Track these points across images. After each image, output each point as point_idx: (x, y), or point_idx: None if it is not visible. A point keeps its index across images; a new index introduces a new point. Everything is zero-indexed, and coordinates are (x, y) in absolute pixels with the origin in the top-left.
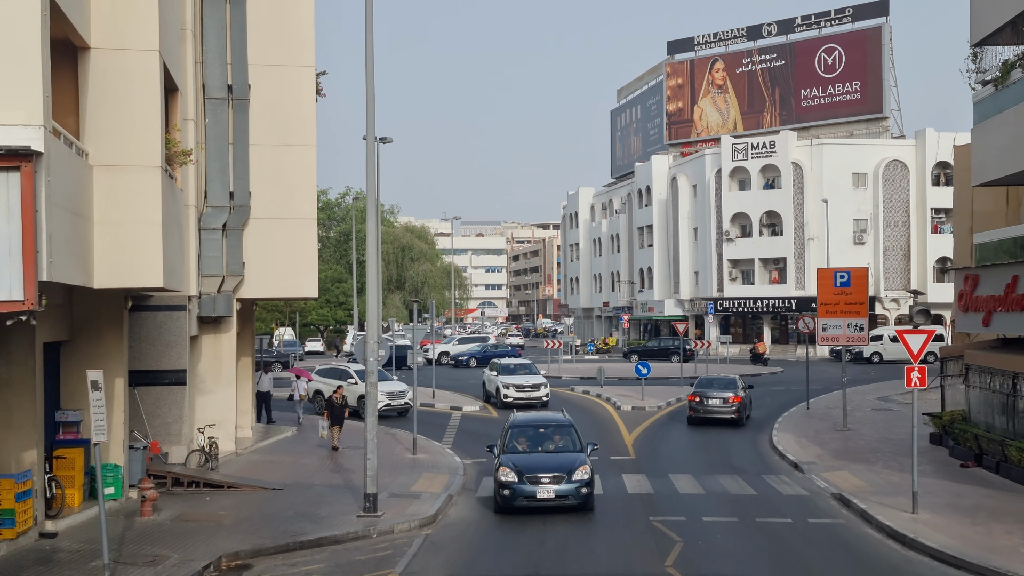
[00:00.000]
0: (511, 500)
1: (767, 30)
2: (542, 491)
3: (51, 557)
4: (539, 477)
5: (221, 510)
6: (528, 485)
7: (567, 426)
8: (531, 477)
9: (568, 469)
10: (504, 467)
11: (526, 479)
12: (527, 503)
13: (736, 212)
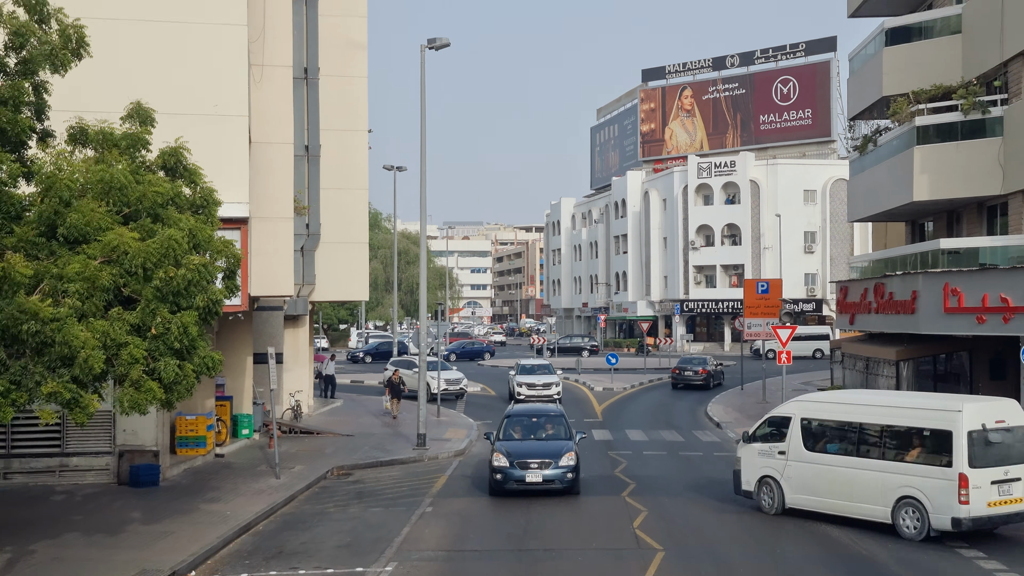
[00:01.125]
0: (503, 483)
1: (730, 61)
2: (531, 475)
3: (228, 466)
4: (528, 462)
5: (319, 445)
6: (518, 470)
7: (558, 416)
8: (521, 462)
9: (555, 455)
10: (497, 452)
11: (516, 464)
12: (517, 486)
13: (701, 224)
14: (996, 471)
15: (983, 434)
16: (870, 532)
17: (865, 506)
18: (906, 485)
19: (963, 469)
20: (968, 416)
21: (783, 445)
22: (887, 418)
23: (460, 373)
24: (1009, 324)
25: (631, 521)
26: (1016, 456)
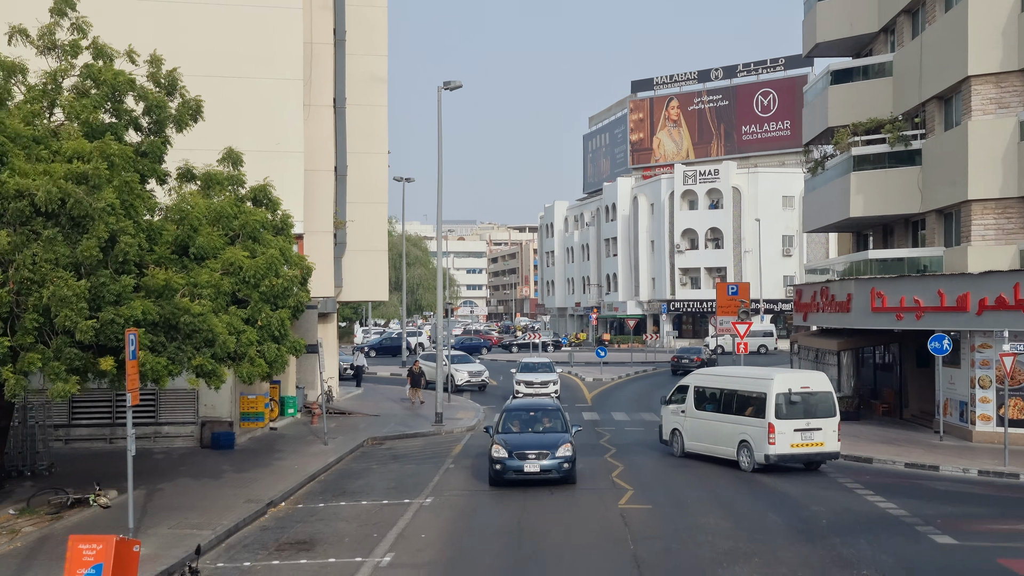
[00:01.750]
0: (502, 474)
1: (714, 74)
2: (528, 466)
3: (282, 436)
4: (526, 453)
5: (352, 422)
6: (517, 460)
7: (555, 410)
8: (519, 453)
9: (552, 446)
10: (497, 444)
11: (515, 455)
12: (515, 476)
13: (686, 228)
14: (798, 422)
15: (787, 396)
16: (786, 475)
17: (723, 448)
18: (743, 432)
19: (771, 420)
20: (776, 384)
21: (684, 406)
22: (735, 386)
23: (482, 366)
24: (921, 320)
25: (610, 473)
26: (819, 412)
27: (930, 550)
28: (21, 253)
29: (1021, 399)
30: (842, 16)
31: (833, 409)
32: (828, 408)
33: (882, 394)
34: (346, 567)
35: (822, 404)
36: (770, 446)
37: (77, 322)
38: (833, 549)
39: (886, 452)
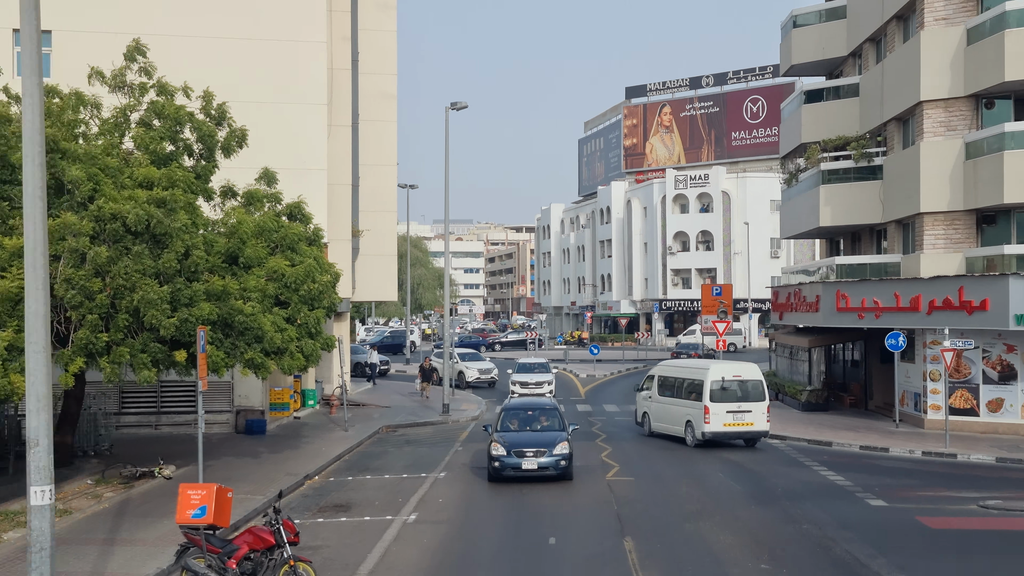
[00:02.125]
0: (501, 471)
1: (705, 81)
2: (526, 463)
3: (305, 424)
4: (524, 451)
5: (367, 413)
6: (515, 458)
7: (552, 409)
8: (518, 451)
9: (550, 445)
10: (496, 442)
11: (513, 453)
12: (513, 473)
13: (678, 230)
14: (731, 405)
15: (720, 383)
16: (752, 455)
17: (675, 427)
18: (687, 414)
19: (706, 403)
20: (711, 373)
21: (650, 392)
22: (685, 375)
23: (492, 364)
24: (879, 319)
25: (600, 453)
26: (751, 397)
27: (863, 510)
28: (116, 265)
29: (966, 390)
30: (815, 41)
31: (763, 395)
32: (759, 393)
33: (850, 387)
34: (380, 523)
35: (753, 390)
36: (706, 425)
37: (161, 320)
38: (783, 510)
39: (845, 437)
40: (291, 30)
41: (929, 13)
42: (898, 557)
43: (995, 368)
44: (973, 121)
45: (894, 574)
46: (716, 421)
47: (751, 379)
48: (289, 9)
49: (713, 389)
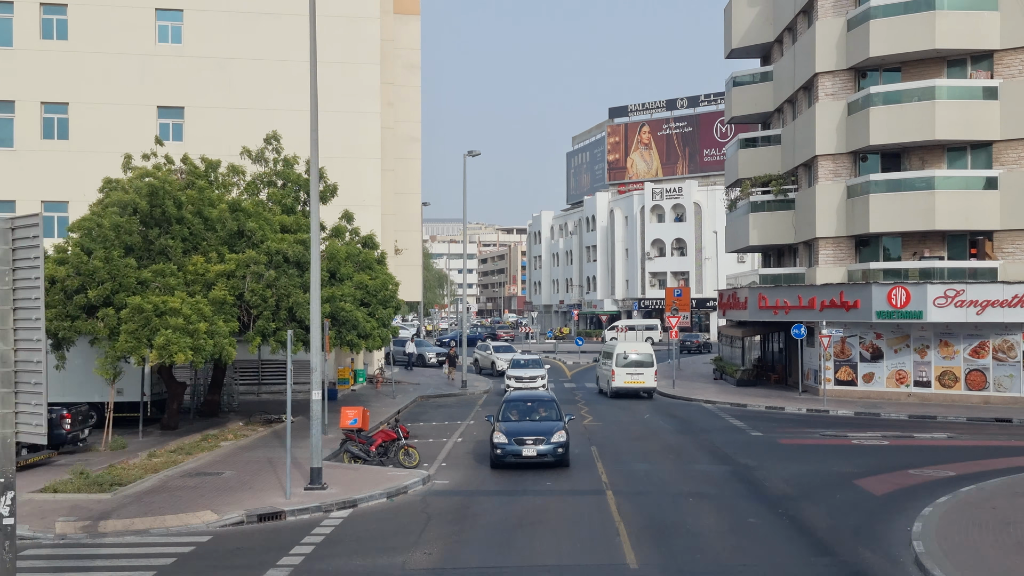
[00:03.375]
0: (503, 457)
1: (680, 103)
2: (526, 450)
3: (361, 395)
4: (524, 439)
5: (404, 388)
6: (515, 445)
7: (550, 401)
8: (518, 439)
9: (548, 433)
10: (498, 431)
11: (514, 441)
12: (514, 460)
13: (655, 238)
14: (629, 370)
15: (623, 355)
16: (686, 408)
17: (602, 384)
18: (605, 375)
19: (613, 368)
20: (617, 348)
21: (599, 363)
22: (610, 350)
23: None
24: (788, 315)
25: (580, 410)
26: (643, 365)
27: (745, 437)
28: (279, 281)
29: (848, 367)
30: (750, 98)
31: (652, 364)
32: (649, 363)
33: (775, 368)
34: (439, 443)
35: (645, 360)
36: (612, 383)
37: (306, 315)
38: (694, 436)
39: (757, 401)
40: (355, 104)
41: (822, 89)
42: (753, 455)
43: (867, 350)
44: (852, 170)
45: (744, 460)
46: (619, 379)
47: (644, 352)
48: (354, 88)
49: (618, 358)
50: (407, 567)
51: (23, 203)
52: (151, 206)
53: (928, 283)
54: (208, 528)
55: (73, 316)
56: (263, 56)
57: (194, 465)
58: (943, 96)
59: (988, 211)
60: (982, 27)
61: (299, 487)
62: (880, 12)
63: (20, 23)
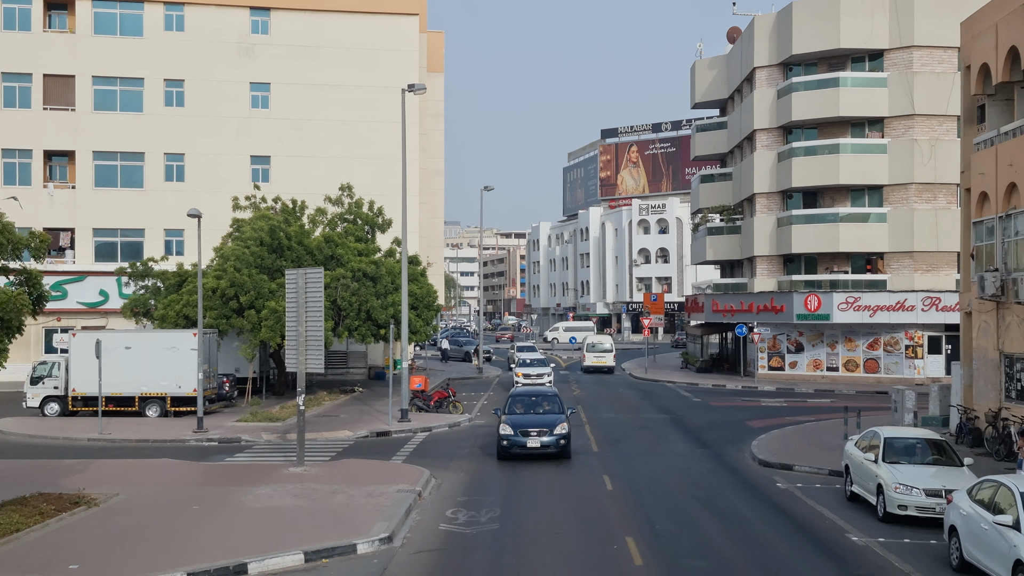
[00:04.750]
0: (508, 448)
1: (665, 126)
2: (531, 441)
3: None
4: (529, 431)
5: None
6: (521, 437)
7: (553, 396)
8: (523, 431)
9: (551, 426)
10: (504, 424)
11: (519, 433)
12: (520, 451)
13: (641, 248)
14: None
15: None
16: (652, 385)
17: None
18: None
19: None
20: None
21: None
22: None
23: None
24: (734, 317)
25: (572, 389)
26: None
27: (688, 401)
28: (360, 291)
29: (778, 356)
30: (710, 142)
31: (612, 350)
32: (610, 349)
33: (727, 358)
34: (470, 405)
35: (607, 348)
36: (584, 362)
37: (379, 316)
38: (651, 401)
39: (707, 382)
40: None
41: (759, 142)
42: (687, 410)
43: (792, 344)
44: (781, 205)
45: (680, 412)
46: (589, 361)
47: (606, 342)
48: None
49: (587, 347)
50: (469, 453)
51: (151, 231)
52: (271, 239)
53: (834, 292)
54: (348, 439)
55: (227, 315)
56: (331, 117)
57: (316, 411)
58: (847, 151)
59: (879, 238)
60: (875, 100)
61: (394, 422)
62: (800, 87)
63: (149, 95)
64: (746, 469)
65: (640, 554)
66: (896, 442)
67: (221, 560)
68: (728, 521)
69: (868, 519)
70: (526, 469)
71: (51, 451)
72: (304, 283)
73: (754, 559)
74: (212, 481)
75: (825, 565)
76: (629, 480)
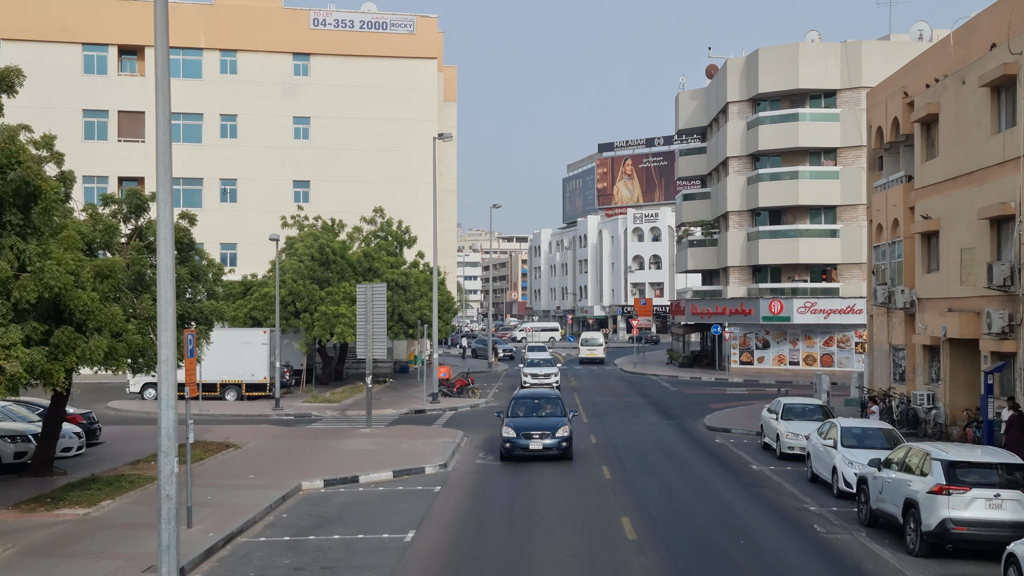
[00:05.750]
0: (511, 451)
1: (657, 141)
2: (533, 444)
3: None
4: (531, 434)
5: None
6: (523, 440)
7: (556, 399)
8: (525, 434)
9: (553, 428)
10: (507, 427)
11: (522, 435)
12: (522, 453)
13: (636, 254)
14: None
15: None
16: (635, 375)
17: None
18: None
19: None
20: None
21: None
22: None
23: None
24: (710, 319)
25: (569, 378)
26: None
27: (665, 390)
28: (393, 297)
29: (748, 352)
30: (691, 164)
31: (602, 344)
32: (600, 343)
33: (706, 354)
34: (485, 392)
35: (599, 343)
36: (580, 354)
37: (410, 318)
38: (635, 389)
39: (686, 375)
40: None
41: (731, 167)
42: (664, 396)
43: (760, 342)
44: (751, 222)
45: (657, 397)
46: (584, 353)
47: (599, 338)
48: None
49: (582, 342)
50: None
51: (208, 245)
52: (320, 254)
53: (794, 298)
54: (393, 415)
55: (286, 317)
56: (362, 146)
57: (359, 396)
58: (805, 176)
59: (833, 251)
60: (829, 132)
61: (427, 402)
62: (766, 120)
63: (207, 128)
64: (697, 432)
65: (611, 475)
66: (791, 406)
67: (341, 474)
68: (674, 460)
69: (770, 458)
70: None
71: None
72: (371, 294)
73: (685, 476)
74: (309, 437)
75: (729, 480)
76: (609, 438)
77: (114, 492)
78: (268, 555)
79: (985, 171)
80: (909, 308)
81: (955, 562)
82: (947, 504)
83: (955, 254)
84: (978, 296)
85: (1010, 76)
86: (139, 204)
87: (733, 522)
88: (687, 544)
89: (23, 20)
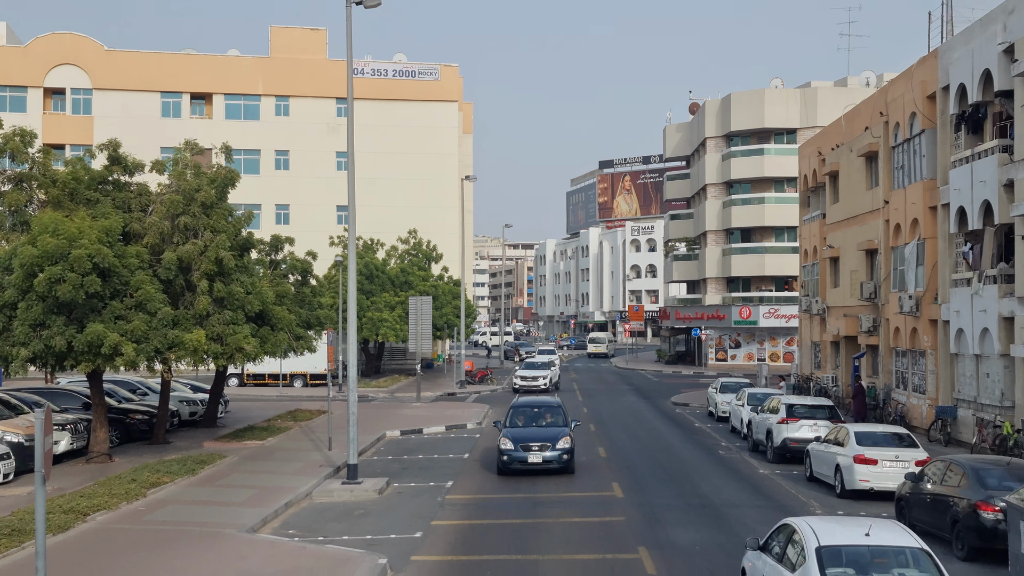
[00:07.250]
0: (509, 464)
1: (654, 159)
2: (532, 456)
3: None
4: (530, 446)
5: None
6: (521, 452)
7: (556, 407)
8: (524, 446)
9: (553, 439)
10: (504, 438)
11: (520, 447)
12: (520, 466)
13: (633, 264)
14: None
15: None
16: (629, 371)
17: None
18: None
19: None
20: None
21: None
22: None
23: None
24: (690, 323)
25: (570, 373)
26: (603, 344)
27: (649, 381)
28: None
29: (723, 350)
30: (678, 187)
31: (606, 344)
32: (605, 341)
33: (689, 353)
34: (501, 381)
35: (604, 341)
36: (587, 350)
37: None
38: (624, 380)
39: (669, 370)
40: (443, 201)
41: (709, 192)
42: (646, 384)
43: (733, 342)
44: (726, 240)
45: (640, 385)
46: (590, 349)
47: (604, 337)
48: (445, 193)
49: (590, 340)
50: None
51: None
52: (366, 269)
53: (761, 305)
54: (431, 396)
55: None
56: (393, 176)
57: (398, 385)
58: (771, 201)
59: (793, 265)
60: (789, 164)
61: (456, 388)
62: (738, 153)
63: (264, 162)
64: (664, 407)
65: (596, 430)
66: (727, 384)
67: (410, 427)
68: (644, 423)
69: (712, 422)
70: None
71: (261, 399)
72: (420, 305)
73: (645, 429)
74: (376, 408)
75: (676, 430)
76: (596, 409)
77: (269, 435)
78: (384, 463)
79: (863, 216)
80: (822, 314)
81: (791, 465)
82: (787, 430)
83: (848, 275)
84: (858, 305)
85: (874, 151)
86: (276, 245)
87: (668, 448)
88: (637, 458)
89: (115, 73)
